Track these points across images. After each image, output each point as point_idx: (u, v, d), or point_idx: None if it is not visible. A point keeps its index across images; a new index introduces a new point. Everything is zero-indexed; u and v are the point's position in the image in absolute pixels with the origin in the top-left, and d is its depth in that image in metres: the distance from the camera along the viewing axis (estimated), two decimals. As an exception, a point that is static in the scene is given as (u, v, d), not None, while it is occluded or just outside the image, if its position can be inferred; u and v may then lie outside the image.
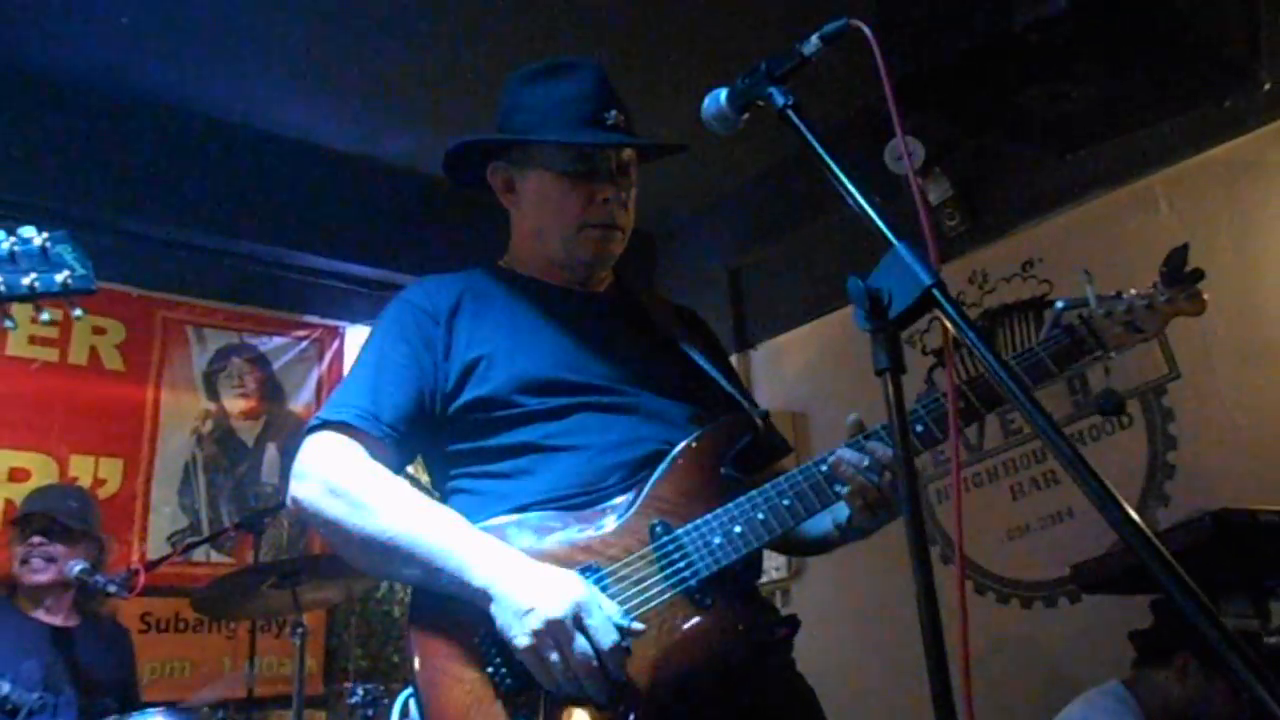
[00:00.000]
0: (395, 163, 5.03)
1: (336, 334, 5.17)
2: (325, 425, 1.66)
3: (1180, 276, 1.79)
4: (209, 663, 4.37)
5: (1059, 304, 1.78)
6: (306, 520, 1.65)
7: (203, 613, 3.92)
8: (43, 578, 3.32)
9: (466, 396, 1.71)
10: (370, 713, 3.13)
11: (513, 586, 1.46)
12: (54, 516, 3.40)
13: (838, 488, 1.63)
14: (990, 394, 1.67)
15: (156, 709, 2.93)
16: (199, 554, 4.39)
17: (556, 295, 1.86)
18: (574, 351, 1.77)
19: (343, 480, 1.60)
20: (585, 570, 1.54)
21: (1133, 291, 1.80)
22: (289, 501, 1.65)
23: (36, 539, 3.36)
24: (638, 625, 1.49)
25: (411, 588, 1.62)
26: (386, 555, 1.56)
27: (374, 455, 1.64)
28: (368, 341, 1.80)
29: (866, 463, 1.60)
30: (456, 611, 1.52)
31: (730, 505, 1.61)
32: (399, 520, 1.55)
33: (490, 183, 1.91)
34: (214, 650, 4.39)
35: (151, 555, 4.21)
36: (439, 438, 1.74)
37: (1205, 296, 1.81)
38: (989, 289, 4.42)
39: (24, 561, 3.34)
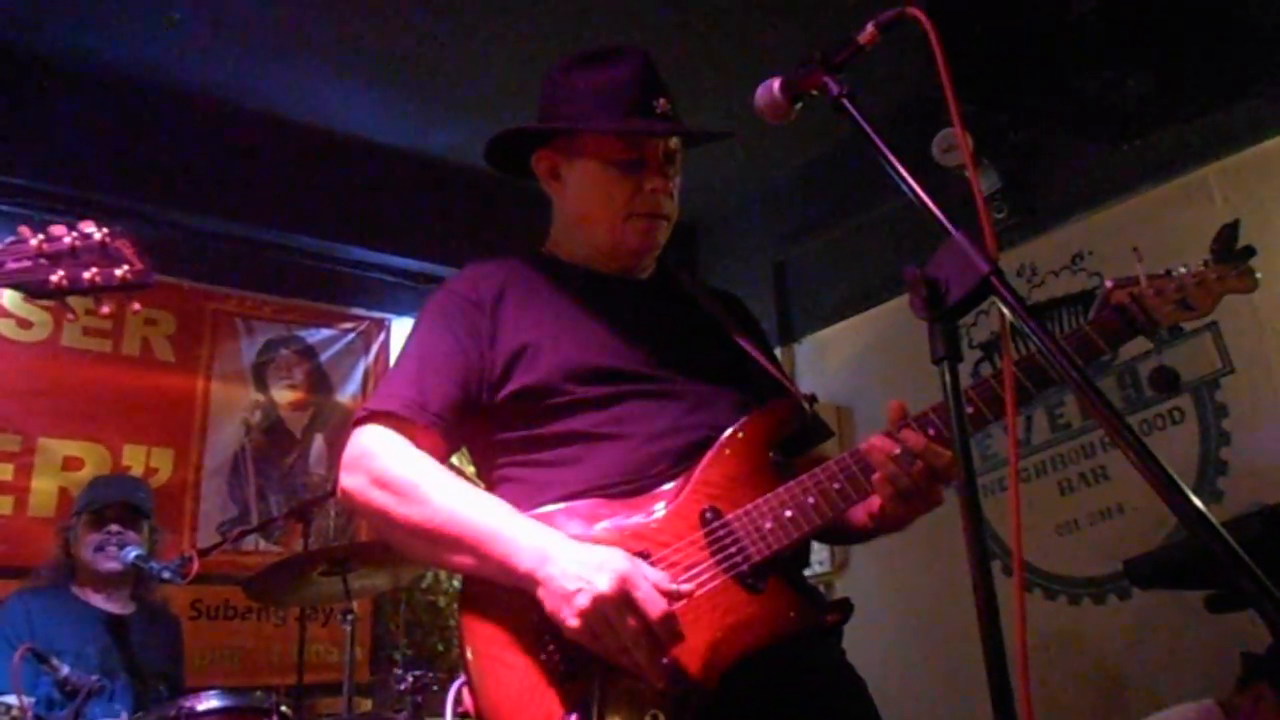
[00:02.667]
0: (442, 156, 5.06)
1: (383, 326, 5.22)
2: (372, 416, 1.67)
3: (1231, 253, 1.76)
4: (259, 650, 4.43)
5: (1108, 283, 1.76)
6: (356, 510, 1.66)
7: (255, 599, 3.97)
8: (116, 565, 3.38)
9: (513, 385, 1.71)
10: (419, 699, 3.15)
11: (559, 569, 1.46)
12: (134, 505, 3.47)
13: (875, 475, 1.62)
14: (1041, 375, 1.65)
15: (211, 691, 2.98)
16: (248, 543, 4.46)
17: (601, 282, 1.85)
18: (619, 339, 1.76)
19: (389, 470, 1.60)
20: (635, 556, 1.53)
21: (1183, 269, 1.77)
22: (339, 493, 1.66)
23: (114, 527, 3.43)
24: (685, 586, 1.49)
25: (461, 576, 1.63)
26: (434, 543, 1.57)
27: (421, 444, 1.65)
28: (413, 331, 1.80)
29: (898, 450, 1.58)
30: (507, 599, 1.52)
31: (780, 490, 1.61)
32: (445, 508, 1.56)
33: (535, 170, 1.90)
34: (263, 637, 4.45)
35: (201, 544, 4.27)
36: (485, 426, 1.75)
37: (1258, 274, 1.78)
38: (1038, 282, 4.37)
39: (99, 549, 3.40)
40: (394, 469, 1.61)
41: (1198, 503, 0.97)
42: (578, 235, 1.88)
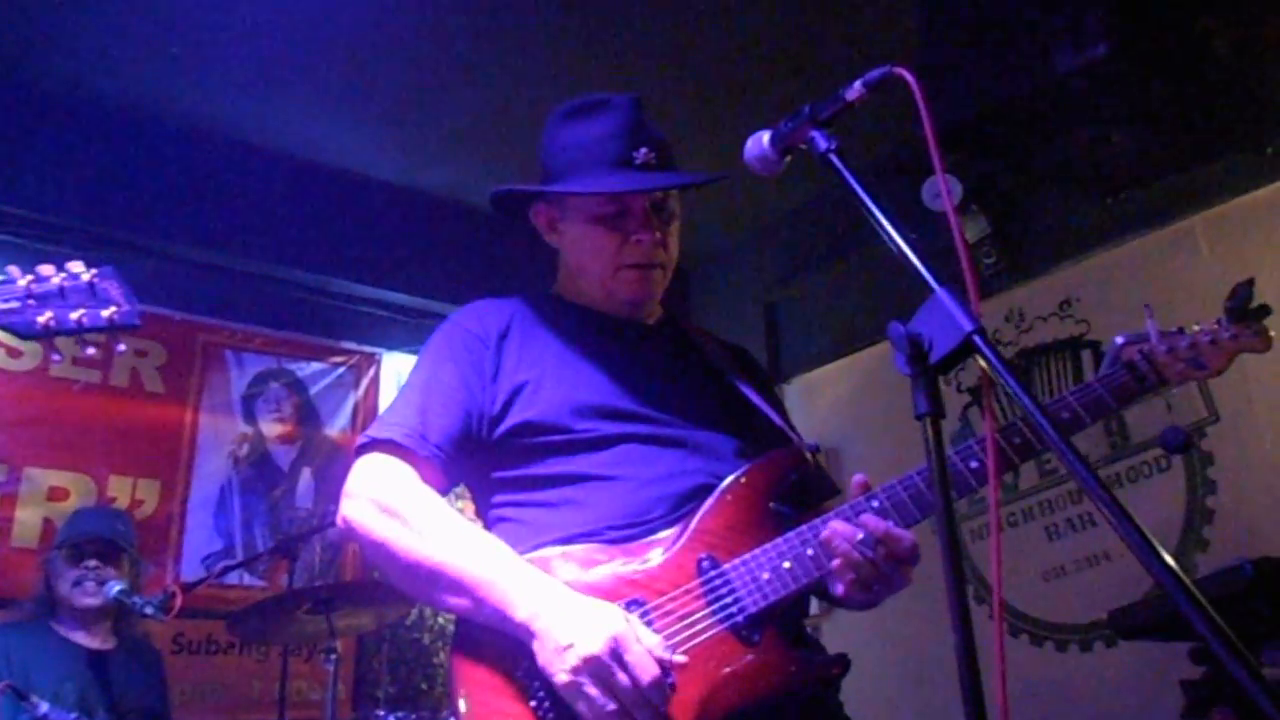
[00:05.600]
0: (436, 192, 5.09)
1: (373, 361, 5.21)
2: (374, 444, 1.68)
3: (1245, 312, 1.74)
4: (240, 686, 4.39)
5: (1119, 339, 1.73)
6: (356, 539, 1.65)
7: (238, 636, 3.94)
8: (95, 601, 3.34)
9: (512, 420, 1.71)
10: (400, 740, 3.13)
11: (552, 623, 1.45)
12: (112, 540, 3.44)
13: (835, 562, 1.59)
14: (1035, 439, 1.62)
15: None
16: (232, 577, 4.43)
17: (605, 325, 1.86)
18: (622, 380, 1.76)
19: (393, 501, 1.61)
20: (630, 604, 1.53)
21: (1196, 327, 1.75)
22: (339, 520, 1.66)
23: (93, 562, 3.39)
24: (678, 658, 1.47)
25: (454, 617, 1.62)
26: (431, 582, 1.56)
27: (421, 475, 1.65)
28: (418, 363, 1.81)
29: (860, 535, 1.55)
30: (499, 643, 1.52)
31: (779, 540, 1.60)
32: (446, 547, 1.55)
33: (534, 224, 1.93)
34: (245, 673, 4.41)
35: (186, 577, 4.25)
36: (484, 464, 1.74)
37: (1272, 333, 1.76)
38: (1026, 328, 4.40)
39: (77, 584, 3.36)
40: (398, 500, 1.61)
41: (1170, 561, 0.98)
42: (579, 283, 1.90)
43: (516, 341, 1.79)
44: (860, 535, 1.54)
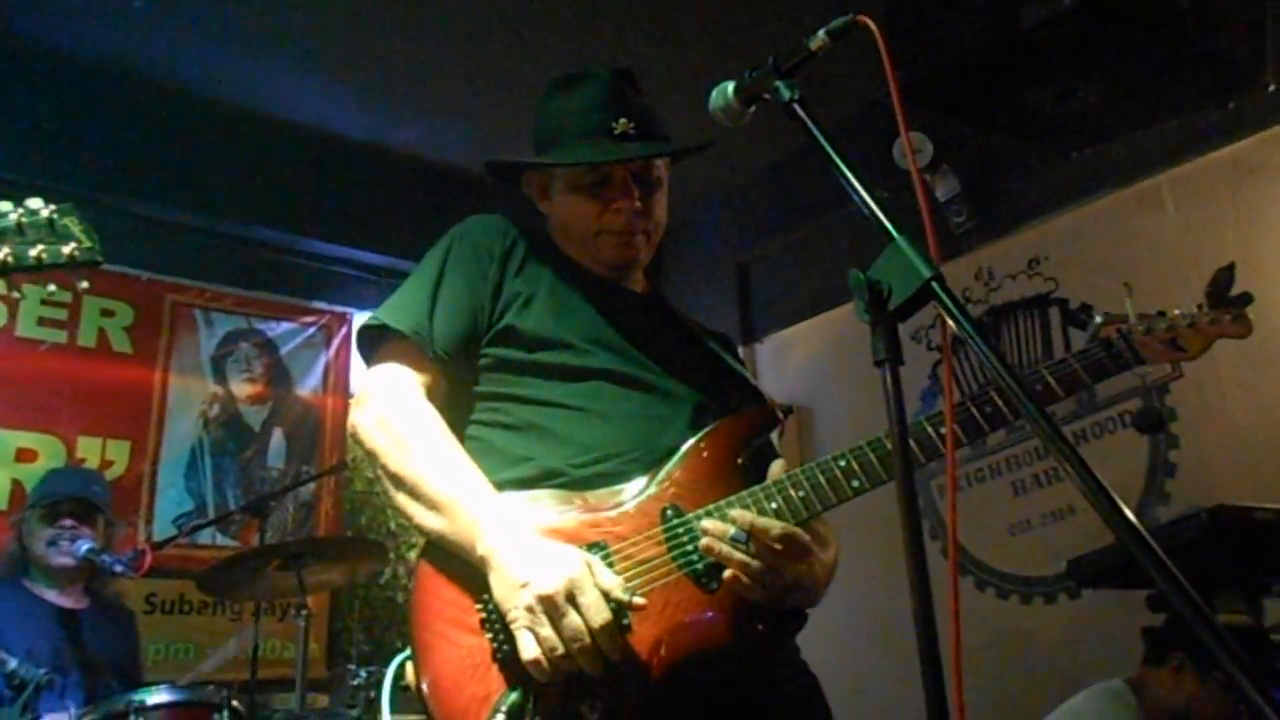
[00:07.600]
0: (406, 150, 5.05)
1: (344, 320, 5.19)
2: (385, 331, 1.74)
3: (1226, 298, 1.74)
4: (213, 644, 4.40)
5: (1098, 318, 1.74)
6: (360, 445, 1.71)
7: (208, 594, 3.95)
8: (69, 560, 3.34)
9: (499, 325, 1.76)
10: (372, 694, 3.15)
11: (511, 559, 1.48)
12: (88, 500, 3.43)
13: (854, 483, 1.61)
14: (1006, 407, 1.62)
15: (162, 686, 2.96)
16: (204, 537, 4.43)
17: (593, 279, 1.90)
18: (602, 323, 1.82)
19: (392, 414, 1.67)
20: (591, 547, 1.55)
21: (1176, 311, 1.75)
22: (348, 426, 1.73)
23: (68, 521, 3.38)
24: (639, 599, 1.48)
25: (419, 553, 1.66)
26: (412, 495, 1.61)
27: (425, 379, 1.72)
28: (427, 261, 1.84)
29: (732, 531, 1.54)
30: (462, 578, 1.55)
31: (744, 493, 1.62)
32: (427, 465, 1.61)
33: (526, 192, 1.99)
34: (218, 632, 4.42)
35: (157, 537, 4.24)
36: (464, 378, 1.79)
37: (1251, 319, 1.75)
38: (995, 286, 4.43)
39: (52, 543, 3.36)
40: (397, 413, 1.67)
41: (1124, 508, 1.00)
42: (565, 246, 1.94)
43: (517, 262, 1.84)
44: (731, 531, 1.55)
